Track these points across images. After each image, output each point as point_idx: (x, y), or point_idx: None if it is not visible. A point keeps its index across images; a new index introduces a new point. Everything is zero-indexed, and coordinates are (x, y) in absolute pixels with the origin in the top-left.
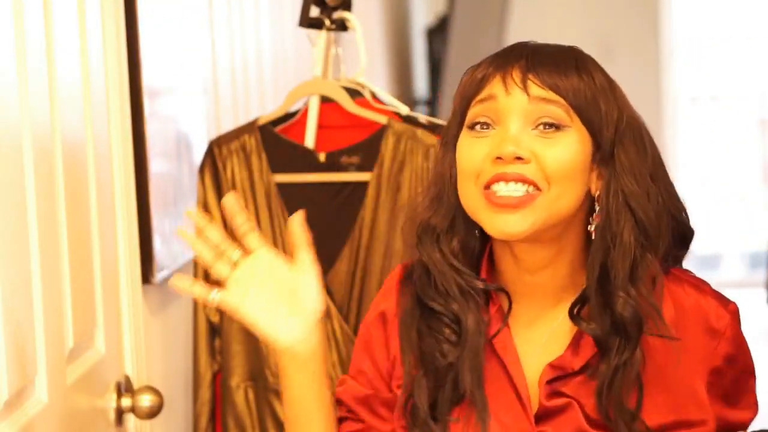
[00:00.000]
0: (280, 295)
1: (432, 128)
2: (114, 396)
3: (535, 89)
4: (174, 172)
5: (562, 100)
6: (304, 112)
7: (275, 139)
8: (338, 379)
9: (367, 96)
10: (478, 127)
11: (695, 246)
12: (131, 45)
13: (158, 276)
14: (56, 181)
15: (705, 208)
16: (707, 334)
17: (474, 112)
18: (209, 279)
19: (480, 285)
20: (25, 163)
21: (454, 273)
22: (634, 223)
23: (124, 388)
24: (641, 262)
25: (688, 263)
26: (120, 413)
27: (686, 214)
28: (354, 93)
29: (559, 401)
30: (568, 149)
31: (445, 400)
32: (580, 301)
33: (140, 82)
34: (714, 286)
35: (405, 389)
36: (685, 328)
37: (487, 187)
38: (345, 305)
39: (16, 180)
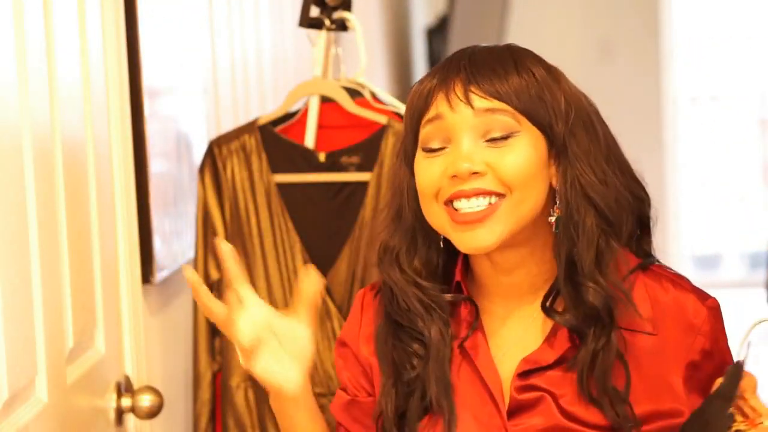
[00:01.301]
0: (284, 346)
1: None
2: (114, 396)
3: (479, 101)
4: (174, 172)
5: (506, 107)
6: (304, 112)
7: (275, 139)
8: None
9: (367, 96)
10: (432, 149)
11: (695, 246)
12: (131, 45)
13: (158, 276)
14: (56, 181)
15: (705, 208)
16: (685, 328)
17: (425, 134)
18: (209, 281)
19: (447, 298)
20: (25, 163)
21: (416, 290)
22: (595, 212)
23: (124, 388)
24: (606, 249)
25: (688, 263)
26: (120, 413)
27: (645, 193)
28: (354, 93)
29: (531, 395)
30: (522, 154)
31: (414, 410)
32: (551, 294)
33: (140, 82)
34: (714, 286)
35: (378, 400)
36: (663, 323)
37: (448, 203)
38: (345, 305)
39: (16, 180)
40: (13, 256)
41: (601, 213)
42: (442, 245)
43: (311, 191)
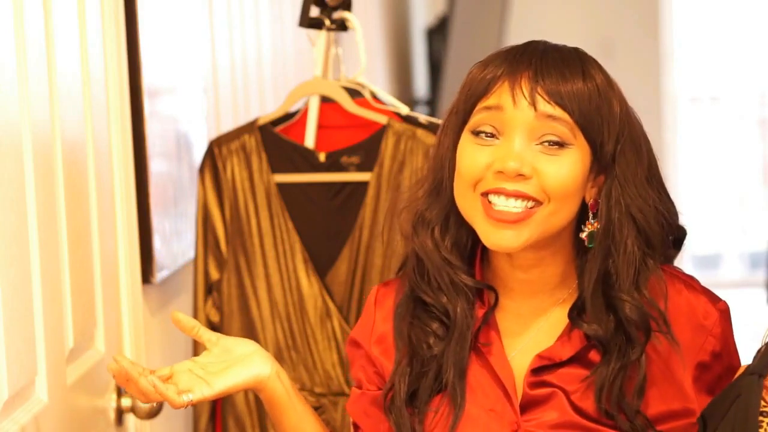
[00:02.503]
0: (235, 357)
1: (432, 128)
2: (114, 396)
3: (543, 105)
4: (174, 172)
5: (567, 118)
6: (304, 112)
7: (275, 139)
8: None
9: (367, 96)
10: (482, 135)
11: (695, 246)
12: (131, 45)
13: (158, 276)
14: (56, 181)
15: (705, 208)
16: (696, 329)
17: (479, 119)
18: (209, 281)
19: (469, 282)
20: (25, 163)
21: (446, 265)
22: (636, 232)
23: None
24: (643, 268)
25: (688, 263)
26: (120, 413)
27: (677, 215)
28: (354, 93)
29: (543, 390)
30: (569, 167)
31: (426, 390)
32: (578, 306)
33: (140, 82)
34: (714, 286)
35: (390, 377)
36: (676, 324)
37: (485, 194)
38: (345, 305)
39: (16, 180)
40: (13, 256)
41: (642, 233)
42: (470, 230)
43: (311, 191)
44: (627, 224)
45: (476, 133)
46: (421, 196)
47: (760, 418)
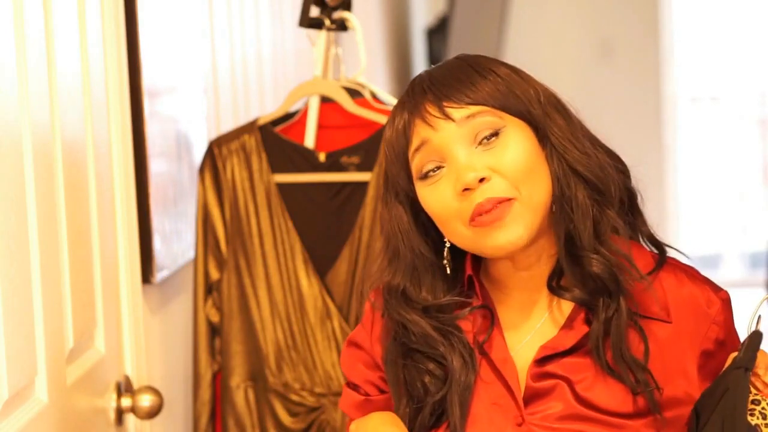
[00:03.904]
0: None
1: None
2: (114, 396)
3: (456, 112)
4: (174, 172)
5: (484, 107)
6: (304, 112)
7: (275, 139)
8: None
9: (367, 96)
10: (430, 173)
11: (695, 246)
12: (131, 45)
13: (158, 276)
14: (56, 181)
15: (705, 208)
16: (699, 318)
17: (418, 163)
18: (209, 281)
19: (462, 314)
20: (25, 163)
21: (430, 320)
22: (584, 184)
23: (124, 388)
24: (602, 218)
25: (688, 263)
26: (120, 413)
27: (623, 164)
28: (354, 93)
29: (547, 382)
30: (516, 147)
31: (425, 420)
32: (557, 273)
33: (140, 82)
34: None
35: None
36: (679, 313)
37: (472, 219)
38: (345, 305)
39: (16, 180)
40: (13, 256)
41: (590, 184)
42: (448, 244)
43: (311, 191)
44: (573, 178)
45: (425, 176)
46: (383, 268)
47: (752, 406)
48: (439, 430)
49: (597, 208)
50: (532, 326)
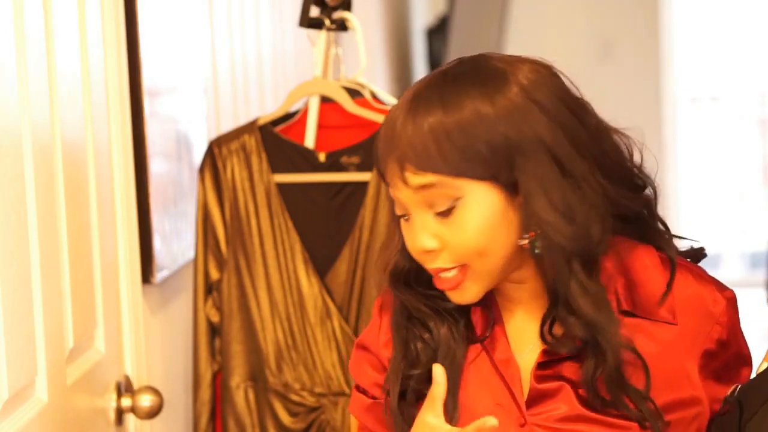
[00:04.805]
0: None
1: None
2: (114, 396)
3: (413, 179)
4: (174, 172)
5: (439, 178)
6: (304, 112)
7: (275, 139)
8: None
9: (367, 96)
10: (402, 217)
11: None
12: (131, 45)
13: (158, 276)
14: (56, 181)
15: (705, 208)
16: (703, 317)
17: (391, 200)
18: (209, 281)
19: (454, 306)
20: (25, 163)
21: (428, 301)
22: (561, 250)
23: (124, 388)
24: (585, 269)
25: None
26: (120, 413)
27: (644, 182)
28: (354, 93)
29: (550, 384)
30: (472, 223)
31: (413, 392)
32: (549, 319)
33: (140, 82)
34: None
35: (387, 375)
36: (684, 313)
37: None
38: (345, 305)
39: (16, 180)
40: (13, 256)
41: (567, 248)
42: None
43: (311, 191)
44: (550, 244)
45: (398, 216)
46: (393, 250)
47: None
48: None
49: (577, 264)
50: (535, 328)
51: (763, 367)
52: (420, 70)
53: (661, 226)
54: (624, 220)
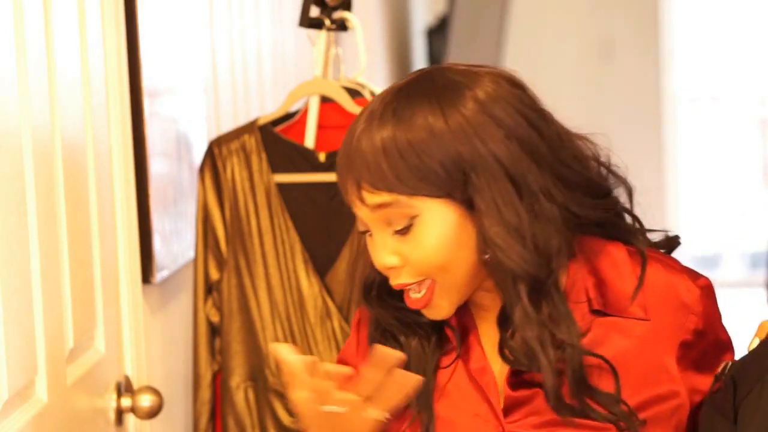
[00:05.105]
0: None
1: None
2: (114, 396)
3: (370, 198)
4: (174, 172)
5: (395, 197)
6: (304, 112)
7: (275, 139)
8: None
9: (367, 96)
10: (365, 233)
11: (695, 246)
12: (131, 45)
13: (158, 276)
14: (56, 181)
15: (705, 208)
16: (677, 308)
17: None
18: (209, 281)
19: (425, 320)
20: (25, 163)
21: (397, 314)
22: (510, 273)
23: (124, 388)
24: (532, 295)
25: (688, 263)
26: (120, 413)
27: (612, 177)
28: (354, 93)
29: (526, 391)
30: (430, 239)
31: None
32: (506, 336)
33: (140, 82)
34: (714, 286)
35: None
36: (656, 306)
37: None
38: (345, 305)
39: (16, 180)
40: (13, 256)
41: (519, 270)
42: None
43: (311, 191)
44: (500, 268)
45: (361, 232)
46: (365, 262)
47: None
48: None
49: (532, 283)
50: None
51: (755, 344)
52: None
53: (632, 221)
54: (591, 224)
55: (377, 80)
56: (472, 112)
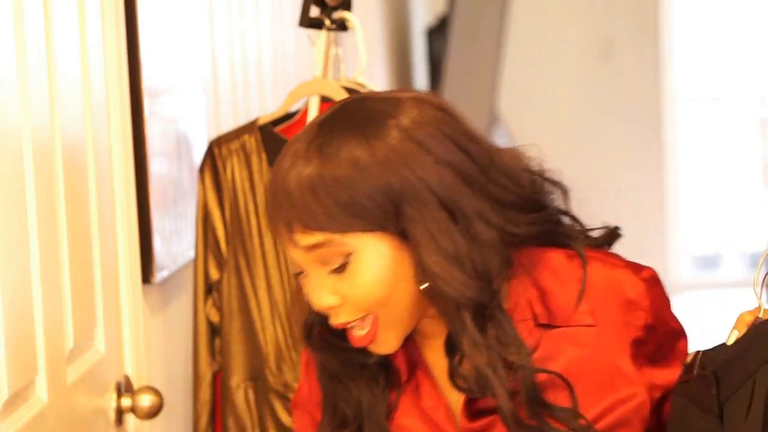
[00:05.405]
0: None
1: None
2: (114, 396)
3: (302, 239)
4: (174, 172)
5: (327, 236)
6: (304, 112)
7: (275, 139)
8: None
9: None
10: (300, 274)
11: (695, 246)
12: (131, 45)
13: (158, 276)
14: (56, 181)
15: (705, 208)
16: (623, 307)
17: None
18: (209, 281)
19: (371, 361)
20: (25, 163)
21: (342, 356)
22: (452, 301)
23: (124, 388)
24: (477, 320)
25: (688, 263)
26: (120, 413)
27: (549, 185)
28: (354, 93)
29: (484, 420)
30: (367, 275)
31: None
32: (453, 365)
33: (140, 82)
34: (714, 286)
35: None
36: (601, 309)
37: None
38: None
39: (16, 180)
40: (13, 256)
41: (460, 300)
42: None
43: None
44: (441, 296)
45: (296, 273)
46: (303, 304)
47: None
48: None
49: (476, 307)
50: None
51: (733, 337)
52: (420, 70)
53: (570, 222)
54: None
55: (377, 80)
56: (398, 140)
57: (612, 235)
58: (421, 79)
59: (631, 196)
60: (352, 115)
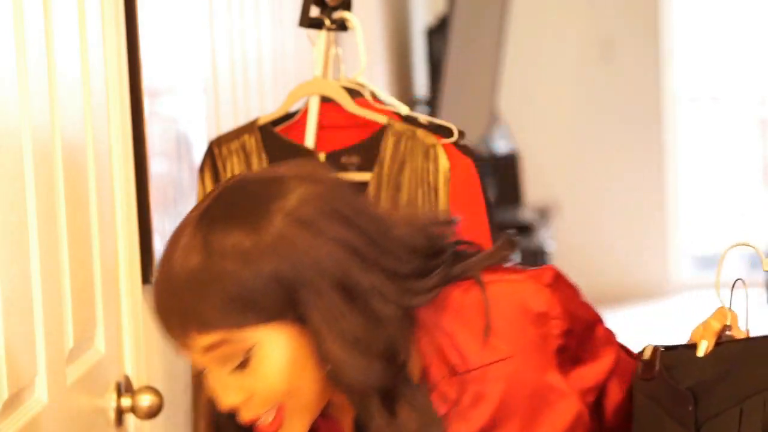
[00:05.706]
0: None
1: (432, 128)
2: (114, 396)
3: (198, 340)
4: (174, 172)
5: (223, 335)
6: (304, 112)
7: (275, 140)
8: None
9: (367, 96)
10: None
11: (695, 246)
12: (131, 45)
13: None
14: (56, 181)
15: (705, 208)
16: (535, 323)
17: None
18: None
19: None
20: (25, 163)
21: None
22: (356, 387)
23: (124, 388)
24: (386, 402)
25: (688, 263)
26: (120, 413)
27: (443, 233)
28: (354, 93)
29: None
30: (272, 366)
31: None
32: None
33: (140, 82)
34: (714, 286)
35: None
36: (513, 333)
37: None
38: None
39: (16, 180)
40: (13, 256)
41: (364, 386)
42: None
43: None
44: (343, 382)
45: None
46: (207, 400)
47: None
48: None
49: (376, 395)
50: None
51: (703, 347)
52: (420, 70)
53: (465, 250)
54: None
55: (377, 80)
56: (283, 225)
57: (504, 249)
58: (421, 79)
59: (631, 196)
60: (234, 204)
